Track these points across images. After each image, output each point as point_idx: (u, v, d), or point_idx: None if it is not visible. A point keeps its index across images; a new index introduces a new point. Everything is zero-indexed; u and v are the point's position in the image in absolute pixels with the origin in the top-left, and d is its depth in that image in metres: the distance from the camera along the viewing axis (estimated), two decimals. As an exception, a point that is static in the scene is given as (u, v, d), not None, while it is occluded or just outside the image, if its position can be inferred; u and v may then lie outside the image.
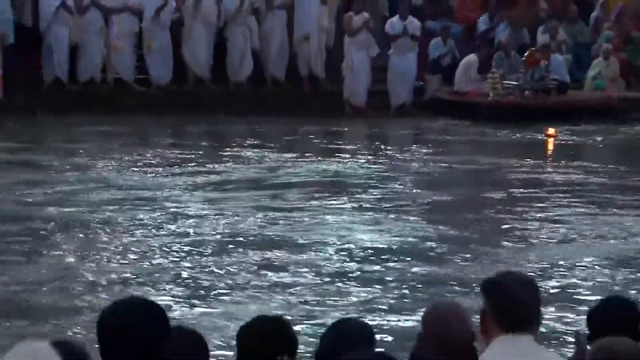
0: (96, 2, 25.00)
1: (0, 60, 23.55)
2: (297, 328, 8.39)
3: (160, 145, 21.78)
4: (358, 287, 13.70)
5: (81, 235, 15.84)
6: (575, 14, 26.95)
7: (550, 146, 22.09)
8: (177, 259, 14.70)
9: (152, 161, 20.35)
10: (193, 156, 20.82)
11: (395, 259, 14.92)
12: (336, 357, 4.85)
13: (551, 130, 22.42)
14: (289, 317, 9.02)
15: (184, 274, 14.03)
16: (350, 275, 14.29)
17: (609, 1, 26.99)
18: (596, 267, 14.32)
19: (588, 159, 21.30)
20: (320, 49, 25.44)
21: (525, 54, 25.21)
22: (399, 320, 12.06)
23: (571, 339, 8.81)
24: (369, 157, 21.43)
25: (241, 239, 15.61)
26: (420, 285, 13.75)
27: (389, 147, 22.37)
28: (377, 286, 13.77)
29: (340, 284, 13.67)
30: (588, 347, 5.27)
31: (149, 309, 4.77)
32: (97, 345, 4.56)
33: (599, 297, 9.58)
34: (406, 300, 13.10)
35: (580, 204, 18.37)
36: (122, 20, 24.78)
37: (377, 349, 5.27)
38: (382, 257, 15.07)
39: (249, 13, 25.28)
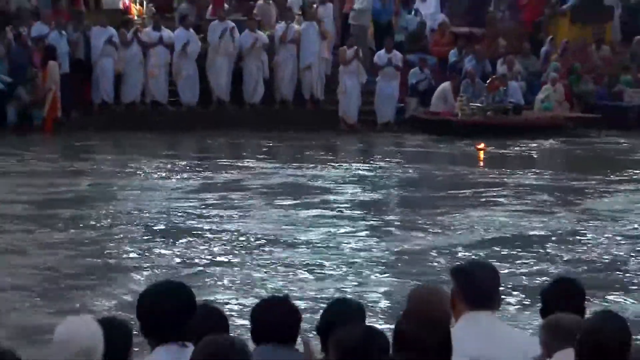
0: (136, 38, 24.91)
1: (58, 86, 23.40)
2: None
3: (188, 155, 22.01)
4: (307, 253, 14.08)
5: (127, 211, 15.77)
6: (528, 50, 27.03)
7: (481, 157, 22.16)
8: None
9: (185, 166, 20.36)
10: (214, 163, 20.76)
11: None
12: (333, 330, 4.76)
13: (481, 145, 22.49)
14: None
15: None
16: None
17: (556, 39, 27.00)
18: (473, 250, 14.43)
19: (534, 166, 21.35)
20: (320, 76, 25.77)
21: (488, 81, 25.34)
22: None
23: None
24: (357, 163, 21.48)
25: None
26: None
27: (373, 157, 22.47)
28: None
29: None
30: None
31: (177, 290, 5.07)
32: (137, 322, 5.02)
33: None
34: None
35: (497, 200, 18.21)
36: (157, 53, 24.82)
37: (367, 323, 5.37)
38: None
39: (261, 49, 25.20)
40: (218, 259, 14.19)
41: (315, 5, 27.09)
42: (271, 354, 5.17)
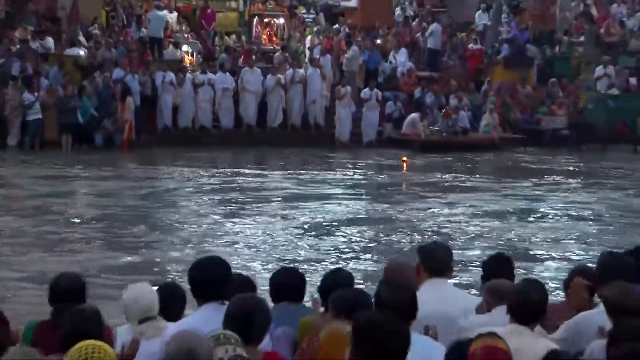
0: (189, 80, 24.79)
1: (133, 115, 23.34)
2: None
3: (225, 164, 22.03)
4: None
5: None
6: (472, 88, 26.89)
7: (405, 165, 22.05)
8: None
9: (226, 172, 20.48)
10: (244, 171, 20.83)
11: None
12: (331, 292, 4.73)
13: (404, 157, 22.42)
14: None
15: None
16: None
17: (492, 81, 26.97)
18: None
19: (475, 172, 21.53)
20: (321, 108, 25.70)
21: (442, 111, 25.34)
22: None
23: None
24: (347, 170, 21.71)
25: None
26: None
27: (358, 165, 22.52)
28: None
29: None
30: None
31: (217, 263, 4.91)
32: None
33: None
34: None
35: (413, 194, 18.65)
36: (204, 91, 24.69)
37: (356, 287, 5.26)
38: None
39: (280, 87, 25.17)
40: (248, 234, 14.19)
41: (317, 56, 26.82)
42: (286, 309, 5.17)
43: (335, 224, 15.23)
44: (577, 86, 27.48)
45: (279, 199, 17.99)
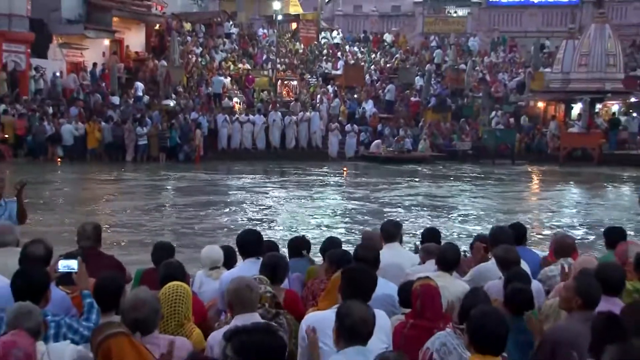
0: (237, 119, 24.75)
1: (202, 141, 23.31)
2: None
3: (260, 172, 21.33)
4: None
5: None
6: (413, 124, 26.41)
7: (345, 174, 21.49)
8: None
9: (259, 176, 19.87)
10: (272, 174, 20.45)
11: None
12: (326, 251, 4.68)
13: (345, 169, 22.16)
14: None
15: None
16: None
17: (425, 119, 26.85)
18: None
19: (415, 176, 20.86)
20: (319, 136, 25.64)
21: (395, 138, 24.96)
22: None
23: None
24: (334, 173, 21.15)
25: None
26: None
27: (341, 171, 21.88)
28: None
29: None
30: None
31: (253, 232, 4.83)
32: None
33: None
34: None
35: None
36: (246, 126, 24.64)
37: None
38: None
39: (294, 124, 25.24)
40: (275, 214, 13.87)
41: (317, 104, 26.92)
42: (296, 262, 5.06)
43: (329, 204, 15.01)
44: (477, 123, 27.27)
45: (294, 186, 18.01)
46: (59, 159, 21.97)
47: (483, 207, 15.35)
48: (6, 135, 21.30)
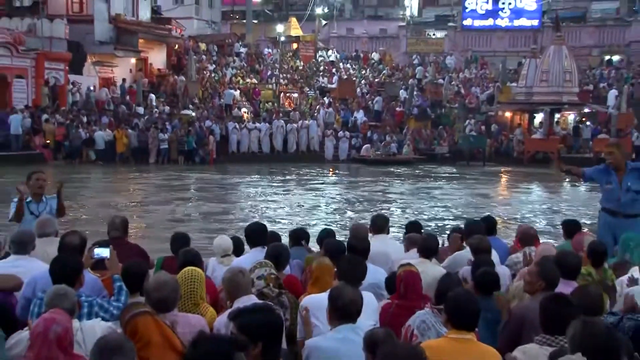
0: (246, 127, 24.55)
1: (215, 146, 23.20)
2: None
3: (266, 172, 20.89)
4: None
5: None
6: (398, 131, 26.16)
7: (331, 173, 21.50)
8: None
9: (265, 175, 19.55)
10: (275, 175, 20.10)
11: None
12: (323, 241, 4.65)
13: (332, 169, 22.24)
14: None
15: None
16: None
17: (409, 127, 26.28)
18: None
19: (400, 177, 20.59)
20: (317, 141, 25.38)
21: (382, 143, 24.86)
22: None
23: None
24: (327, 173, 21.35)
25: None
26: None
27: (336, 171, 21.85)
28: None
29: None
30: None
31: (259, 225, 4.74)
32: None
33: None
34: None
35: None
36: (254, 132, 24.41)
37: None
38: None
39: (295, 130, 24.88)
40: (277, 208, 13.62)
41: (315, 114, 26.71)
42: (296, 250, 4.93)
43: (324, 199, 14.89)
44: (454, 130, 27.05)
45: (294, 184, 17.96)
46: (100, 161, 22.10)
47: (458, 203, 15.26)
48: (48, 141, 21.81)
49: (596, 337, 2.16)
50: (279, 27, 31.48)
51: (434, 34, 37.33)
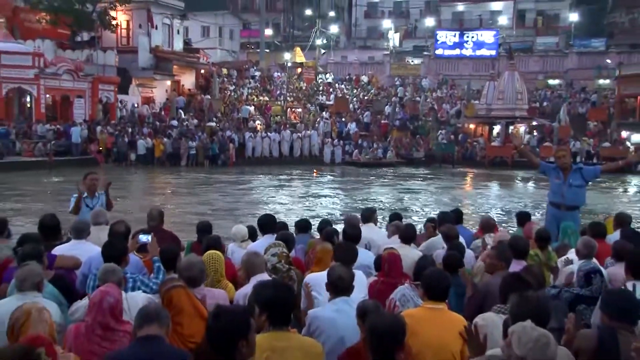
0: (259, 136, 24.19)
1: (234, 151, 23.05)
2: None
3: (276, 172, 20.62)
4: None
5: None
6: (384, 140, 25.80)
7: (315, 174, 20.56)
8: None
9: (275, 176, 19.34)
10: (283, 174, 19.94)
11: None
12: (323, 229, 4.56)
13: (315, 171, 21.40)
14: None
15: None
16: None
17: (392, 136, 26.07)
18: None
19: (385, 177, 20.37)
20: (317, 148, 25.00)
21: (371, 149, 24.32)
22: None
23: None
24: (328, 173, 20.78)
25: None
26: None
27: (333, 172, 21.34)
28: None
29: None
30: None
31: (269, 215, 4.57)
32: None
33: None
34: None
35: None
36: (265, 140, 24.09)
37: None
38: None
39: (299, 139, 24.66)
40: (284, 202, 13.47)
41: (316, 125, 26.33)
42: (301, 237, 4.76)
43: (322, 193, 14.67)
44: (429, 139, 26.77)
45: (299, 183, 17.70)
46: (139, 163, 22.10)
47: (432, 197, 15.16)
48: (100, 148, 22.15)
49: (528, 306, 2.21)
50: (287, 55, 31.76)
51: (412, 61, 37.31)
